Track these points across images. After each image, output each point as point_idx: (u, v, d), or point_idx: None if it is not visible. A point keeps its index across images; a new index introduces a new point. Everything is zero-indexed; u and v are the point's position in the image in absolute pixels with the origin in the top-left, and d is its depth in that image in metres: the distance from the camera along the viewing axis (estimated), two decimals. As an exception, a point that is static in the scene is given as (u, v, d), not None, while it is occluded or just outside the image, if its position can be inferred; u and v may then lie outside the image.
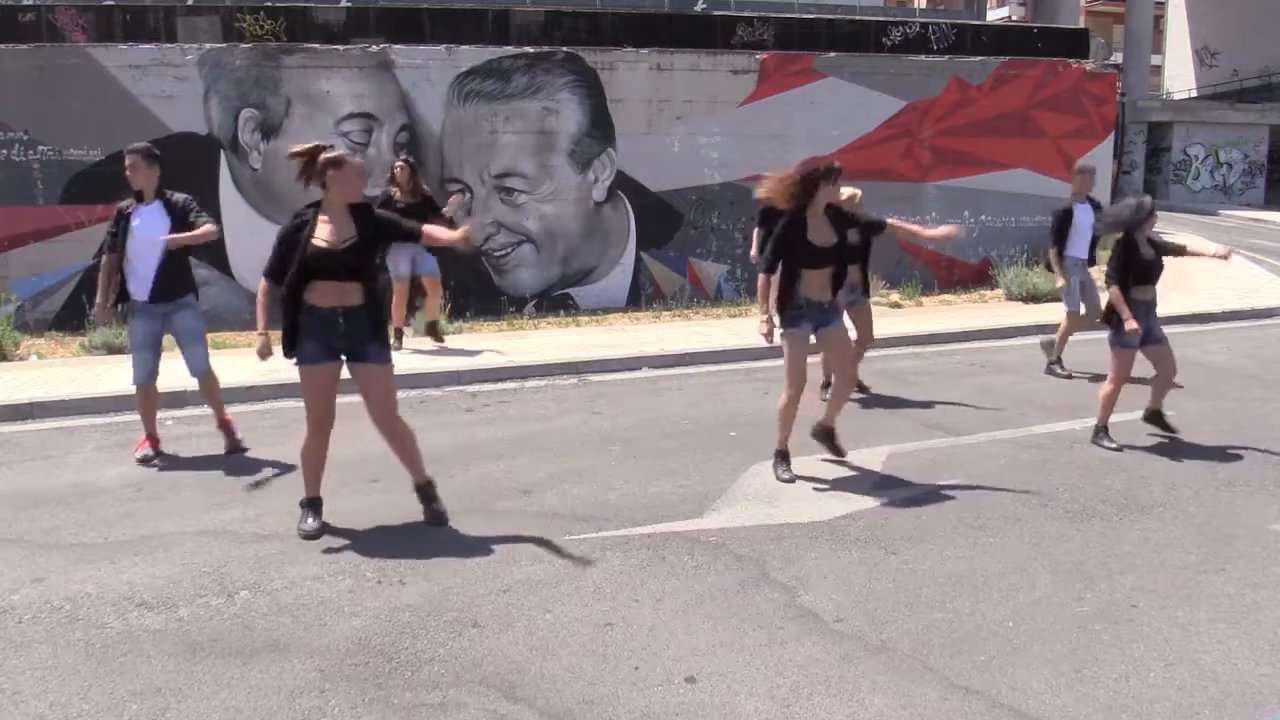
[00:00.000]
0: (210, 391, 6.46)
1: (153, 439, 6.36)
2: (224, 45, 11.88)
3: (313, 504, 5.05)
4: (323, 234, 4.74)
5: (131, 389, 6.24)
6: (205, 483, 5.81)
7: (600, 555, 4.65)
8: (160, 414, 7.27)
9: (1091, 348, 8.73)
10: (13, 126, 11.25)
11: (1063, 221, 8.45)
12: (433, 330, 9.54)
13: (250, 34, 12.19)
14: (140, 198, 6.08)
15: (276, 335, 4.89)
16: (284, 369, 7.67)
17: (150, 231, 5.99)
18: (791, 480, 5.73)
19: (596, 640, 3.85)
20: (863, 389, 7.78)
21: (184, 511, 5.31)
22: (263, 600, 4.22)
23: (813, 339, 5.84)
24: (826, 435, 6.04)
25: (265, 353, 4.95)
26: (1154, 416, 6.73)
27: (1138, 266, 6.26)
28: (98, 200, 11.40)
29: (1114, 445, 6.35)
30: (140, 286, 6.09)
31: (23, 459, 6.37)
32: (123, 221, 6.05)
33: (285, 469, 6.07)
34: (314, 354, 4.81)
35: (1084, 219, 8.46)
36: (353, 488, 5.67)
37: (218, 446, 6.50)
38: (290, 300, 4.76)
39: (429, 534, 4.93)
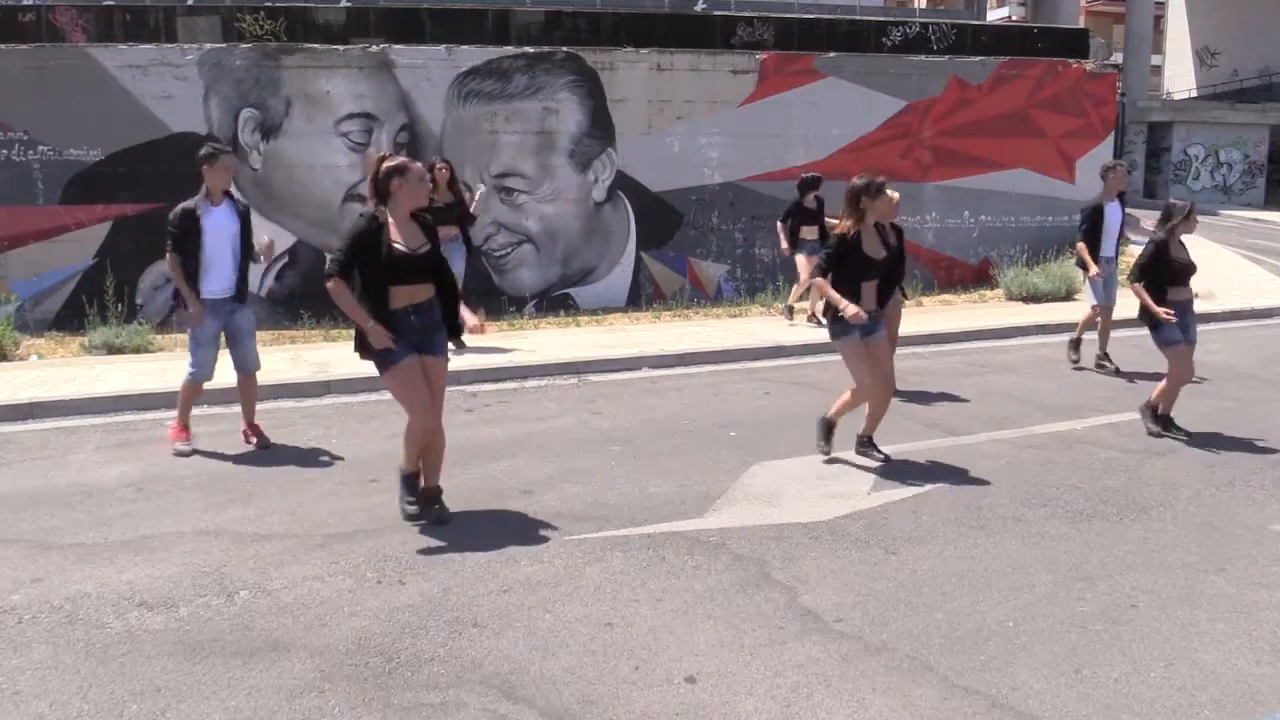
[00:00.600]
0: (251, 390, 6.59)
1: (187, 430, 6.50)
2: (224, 45, 11.88)
3: (412, 481, 5.16)
4: (397, 239, 4.83)
5: (131, 389, 6.24)
6: (205, 483, 5.81)
7: (600, 555, 4.65)
8: (159, 414, 7.31)
9: (1121, 345, 8.76)
10: (13, 126, 11.25)
11: (1094, 220, 8.47)
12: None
13: (250, 34, 12.19)
14: (212, 198, 6.23)
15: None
16: (284, 370, 7.71)
17: (219, 232, 6.20)
18: (828, 454, 6.08)
19: (596, 640, 3.85)
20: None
21: (184, 511, 5.31)
22: (263, 600, 4.22)
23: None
24: (866, 444, 6.19)
25: (384, 338, 4.83)
26: (1165, 422, 6.68)
27: (1170, 268, 6.45)
28: (98, 200, 11.43)
29: (1157, 430, 6.52)
30: (216, 284, 6.26)
31: (23, 459, 6.37)
32: (192, 221, 6.16)
33: (286, 469, 6.07)
34: (399, 353, 4.89)
35: (1114, 217, 8.53)
36: (353, 488, 5.68)
37: (218, 446, 6.50)
38: (374, 301, 4.85)
39: (429, 534, 4.93)
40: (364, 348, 4.93)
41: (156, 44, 11.76)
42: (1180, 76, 38.74)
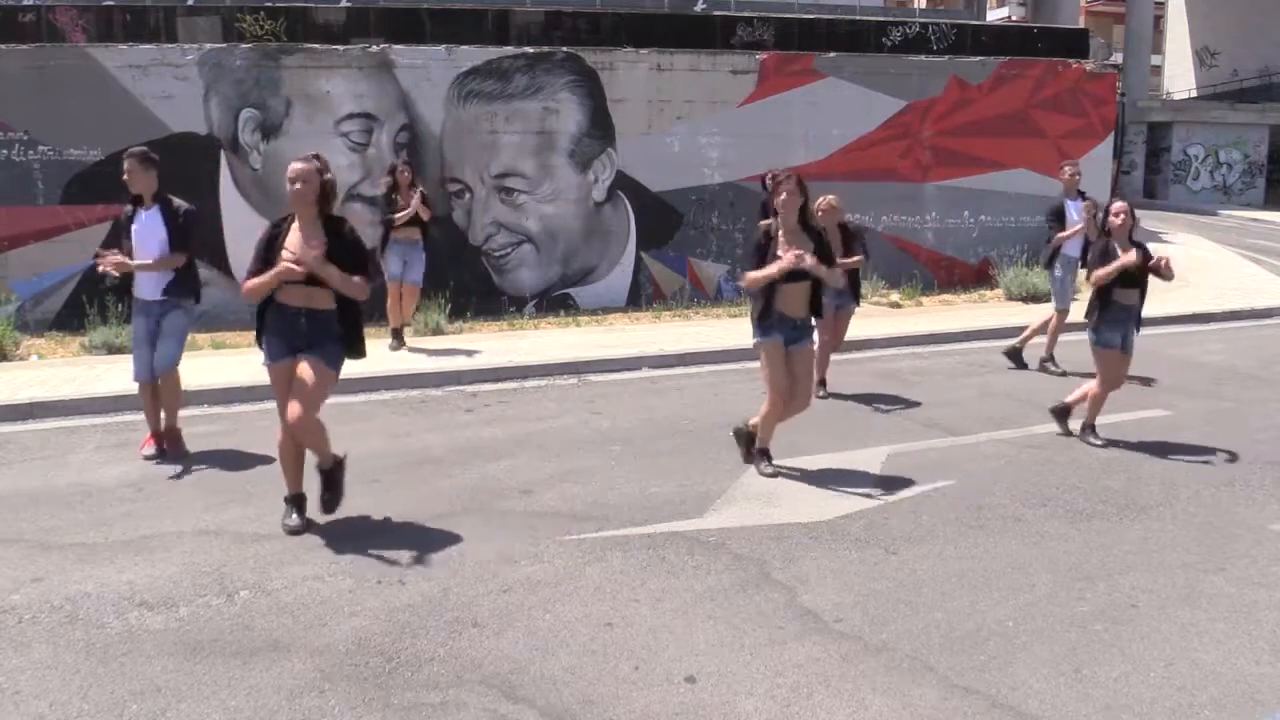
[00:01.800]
0: (170, 393, 6.37)
1: (157, 436, 6.39)
2: (224, 45, 11.87)
3: (295, 500, 5.07)
4: (292, 244, 4.78)
5: (131, 389, 6.24)
6: (205, 483, 5.81)
7: (600, 555, 4.66)
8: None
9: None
10: (13, 126, 11.24)
11: (1058, 217, 8.66)
12: (396, 333, 9.50)
13: (250, 34, 12.19)
14: (139, 202, 6.18)
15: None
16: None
17: (144, 238, 6.13)
18: (775, 475, 5.81)
19: (596, 640, 3.85)
20: (822, 384, 7.71)
21: (184, 511, 5.31)
22: (263, 600, 4.22)
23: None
24: (748, 439, 6.05)
25: (293, 268, 4.69)
26: (1065, 413, 6.62)
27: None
28: (98, 200, 11.41)
29: (1100, 443, 6.38)
30: (139, 284, 6.22)
31: (23, 459, 6.37)
32: (124, 226, 6.19)
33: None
34: (277, 351, 4.85)
35: (1074, 215, 8.66)
36: (353, 488, 5.66)
37: (218, 446, 6.51)
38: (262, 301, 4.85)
39: (429, 534, 4.93)
40: (258, 339, 4.94)
41: (156, 44, 11.75)
42: (1180, 76, 38.75)
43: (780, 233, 5.69)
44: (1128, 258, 6.20)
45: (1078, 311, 9.18)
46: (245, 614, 4.09)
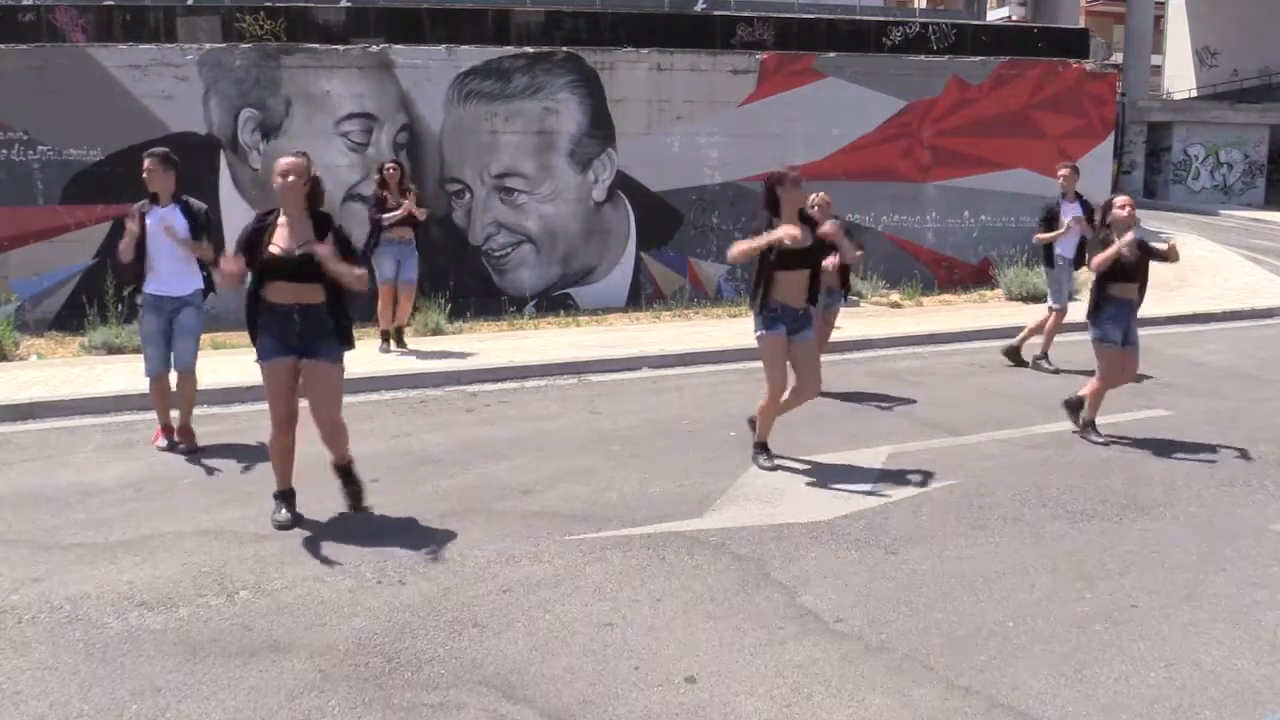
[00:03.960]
0: (187, 391, 6.50)
1: (167, 429, 6.50)
2: (224, 45, 11.87)
3: (284, 496, 5.09)
4: (279, 238, 4.80)
5: (131, 389, 6.25)
6: (205, 483, 5.81)
7: (600, 555, 4.65)
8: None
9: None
10: (13, 126, 11.25)
11: (1050, 217, 8.71)
12: (398, 335, 9.48)
13: (250, 34, 12.19)
14: (156, 200, 6.24)
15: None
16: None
17: (160, 233, 6.15)
18: (774, 468, 5.87)
19: (596, 640, 3.85)
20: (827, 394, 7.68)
21: (184, 511, 5.31)
22: (263, 600, 4.22)
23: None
24: (755, 440, 6.09)
25: (232, 273, 4.76)
26: (1078, 406, 6.64)
27: (1115, 263, 6.24)
28: (98, 200, 11.42)
29: (1101, 440, 6.41)
30: (154, 280, 6.27)
31: (23, 459, 6.37)
32: (140, 220, 6.19)
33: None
34: (269, 350, 4.86)
35: (1065, 216, 8.67)
36: (353, 488, 5.67)
37: (218, 446, 6.51)
38: (252, 298, 4.87)
39: (429, 534, 4.93)
40: (251, 336, 4.94)
41: (156, 44, 11.75)
42: (1180, 76, 38.75)
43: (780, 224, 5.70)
44: (1126, 238, 6.15)
45: (1075, 313, 9.22)
46: (245, 614, 4.09)
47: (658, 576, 4.42)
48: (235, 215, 11.47)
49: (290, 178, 4.77)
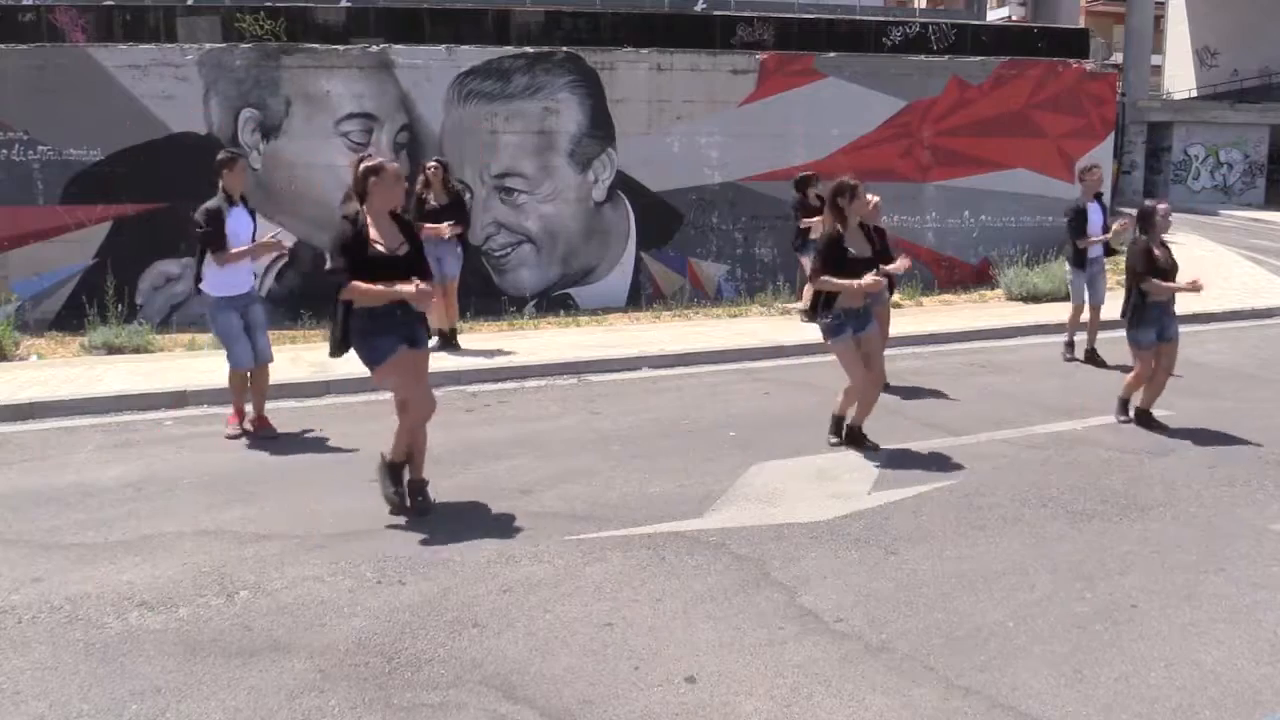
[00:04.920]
0: (266, 380, 6.85)
1: (243, 414, 6.79)
2: (224, 45, 11.88)
3: (397, 471, 5.22)
4: (377, 238, 4.92)
5: (131, 389, 6.25)
6: (205, 483, 5.81)
7: (600, 555, 4.65)
8: (159, 414, 7.32)
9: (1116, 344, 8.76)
10: (13, 126, 11.25)
11: (1079, 219, 8.85)
12: (452, 336, 9.37)
13: (250, 34, 12.20)
14: (231, 200, 6.57)
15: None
16: (284, 369, 7.70)
17: (240, 230, 6.56)
18: (838, 445, 6.32)
19: (596, 640, 3.85)
20: (890, 388, 7.75)
21: (184, 511, 5.31)
22: (263, 600, 4.22)
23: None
24: (856, 437, 6.39)
25: (426, 291, 4.94)
26: (1143, 416, 6.85)
27: (1155, 267, 6.63)
28: (98, 200, 11.43)
29: (1126, 418, 6.79)
30: (237, 281, 6.58)
31: (23, 459, 6.37)
32: (219, 222, 6.47)
33: (286, 469, 6.07)
34: (391, 346, 4.98)
35: (1094, 217, 8.86)
36: (353, 488, 5.67)
37: (218, 446, 6.51)
38: (347, 302, 4.94)
39: (429, 534, 4.93)
40: (342, 346, 5.04)
41: (156, 44, 11.76)
42: (1180, 76, 38.75)
43: (845, 233, 6.07)
44: (1187, 285, 6.66)
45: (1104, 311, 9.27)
46: (245, 614, 4.09)
47: (658, 576, 4.42)
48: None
49: (396, 181, 5.00)
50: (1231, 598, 4.19)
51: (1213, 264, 15.88)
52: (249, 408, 6.82)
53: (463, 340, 9.85)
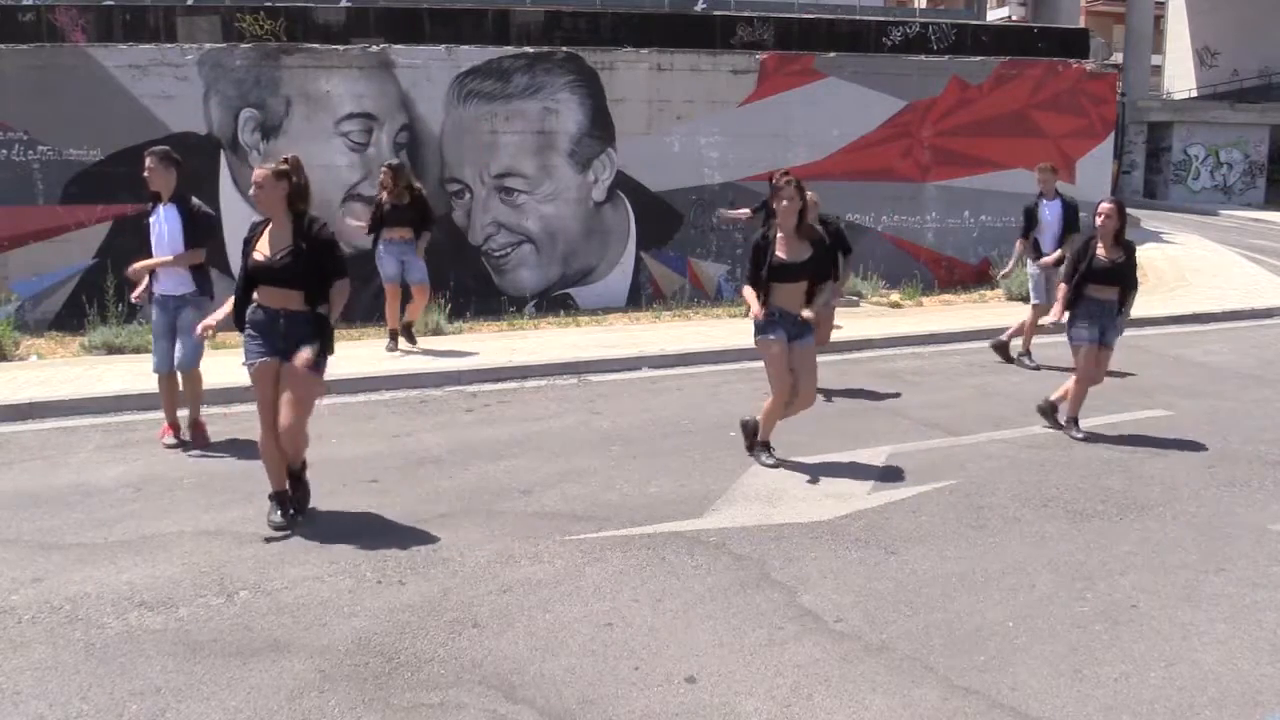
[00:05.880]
0: (193, 388, 6.60)
1: (174, 426, 6.59)
2: (224, 45, 11.87)
3: (279, 498, 5.09)
4: (263, 246, 4.90)
5: (131, 389, 6.26)
6: (205, 483, 5.81)
7: (600, 555, 4.65)
8: (159, 414, 7.28)
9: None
10: (13, 126, 11.24)
11: (1029, 218, 8.96)
12: (407, 332, 9.42)
13: (250, 34, 12.19)
14: (157, 199, 6.36)
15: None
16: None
17: (162, 234, 6.35)
18: (777, 465, 5.95)
19: (596, 640, 3.85)
20: (827, 396, 7.70)
21: (184, 511, 5.31)
22: (263, 600, 4.22)
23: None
24: (752, 430, 6.19)
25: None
26: (1052, 410, 6.73)
27: (1090, 266, 6.46)
28: (98, 200, 11.42)
29: (1081, 435, 6.52)
30: (159, 279, 6.44)
31: (23, 459, 6.37)
32: (146, 222, 6.40)
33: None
34: (255, 351, 4.92)
35: (1047, 216, 8.92)
36: (353, 488, 5.67)
37: (218, 447, 6.51)
38: (241, 300, 4.97)
39: (429, 534, 4.93)
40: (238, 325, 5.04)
41: (156, 44, 11.74)
42: (1180, 76, 38.74)
43: (779, 235, 5.78)
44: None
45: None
46: (245, 614, 4.09)
47: (658, 576, 4.42)
48: (236, 215, 11.47)
49: (254, 189, 4.87)
50: (1231, 598, 4.20)
51: (1213, 264, 15.89)
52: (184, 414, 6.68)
53: (461, 340, 9.85)
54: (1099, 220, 6.49)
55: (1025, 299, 12.47)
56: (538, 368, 8.72)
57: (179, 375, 6.52)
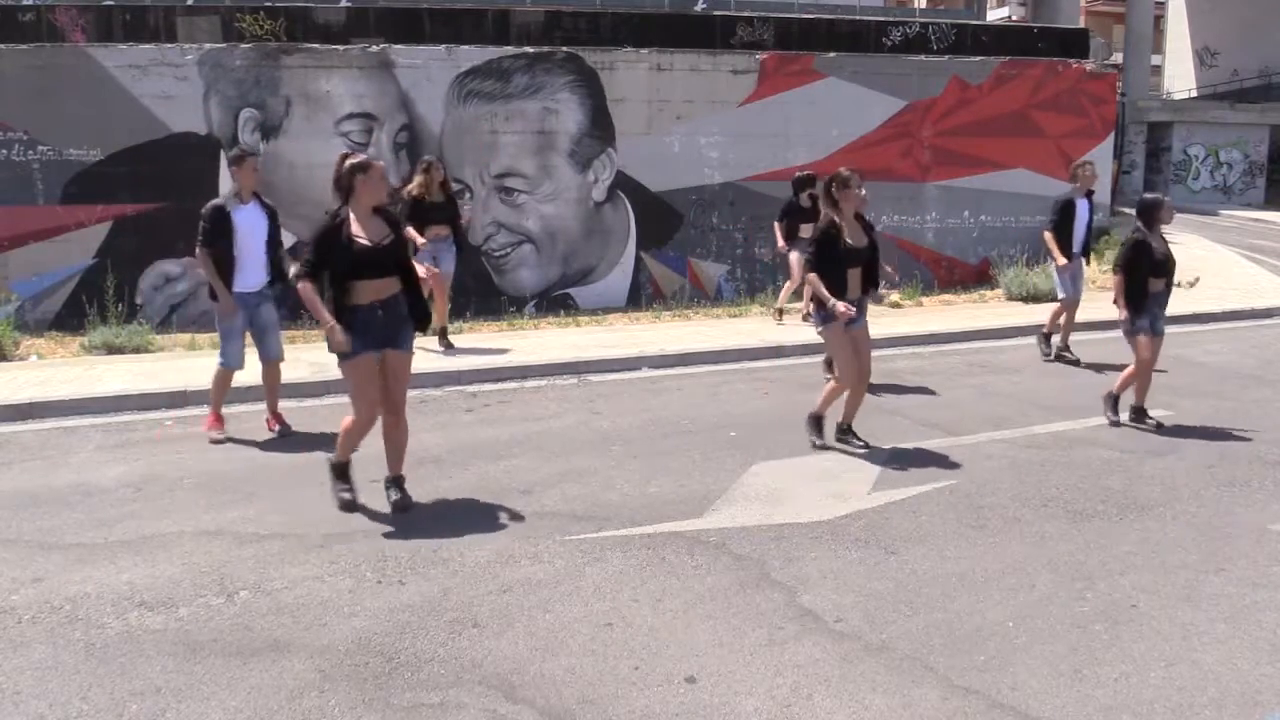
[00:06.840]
0: (276, 379, 6.83)
1: (221, 420, 6.71)
2: (224, 45, 11.88)
3: (397, 482, 5.29)
4: (359, 233, 4.97)
5: (131, 389, 6.25)
6: (205, 483, 5.81)
7: (600, 555, 4.65)
8: (160, 414, 7.31)
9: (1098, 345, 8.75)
10: (13, 126, 11.25)
11: (1064, 213, 8.79)
12: (442, 335, 9.43)
13: (250, 34, 12.19)
14: (241, 197, 6.52)
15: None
16: (284, 369, 7.68)
17: (251, 228, 6.50)
18: (823, 447, 6.26)
19: (596, 640, 3.85)
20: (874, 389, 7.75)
21: (184, 511, 5.31)
22: (263, 600, 4.22)
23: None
24: (845, 432, 6.42)
25: (340, 343, 4.98)
26: (1137, 413, 6.88)
27: (1151, 259, 6.66)
28: (98, 200, 11.42)
29: (1152, 424, 6.74)
30: (244, 278, 6.52)
31: (23, 459, 6.37)
32: (224, 219, 6.43)
33: (286, 469, 6.07)
34: (357, 348, 5.02)
35: (1082, 213, 8.82)
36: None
37: (218, 447, 6.51)
38: (338, 297, 5.01)
39: (428, 534, 4.93)
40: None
41: (156, 44, 11.75)
42: (1180, 76, 38.73)
43: (843, 224, 6.10)
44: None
45: (1087, 311, 9.26)
46: (245, 614, 4.09)
47: (658, 576, 4.42)
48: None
49: (366, 178, 5.00)
50: (1231, 598, 4.19)
51: (1212, 264, 15.89)
52: (263, 405, 6.86)
53: (461, 340, 9.85)
54: (1160, 212, 6.71)
55: (1025, 299, 12.53)
56: (538, 368, 8.72)
57: (263, 368, 6.73)
